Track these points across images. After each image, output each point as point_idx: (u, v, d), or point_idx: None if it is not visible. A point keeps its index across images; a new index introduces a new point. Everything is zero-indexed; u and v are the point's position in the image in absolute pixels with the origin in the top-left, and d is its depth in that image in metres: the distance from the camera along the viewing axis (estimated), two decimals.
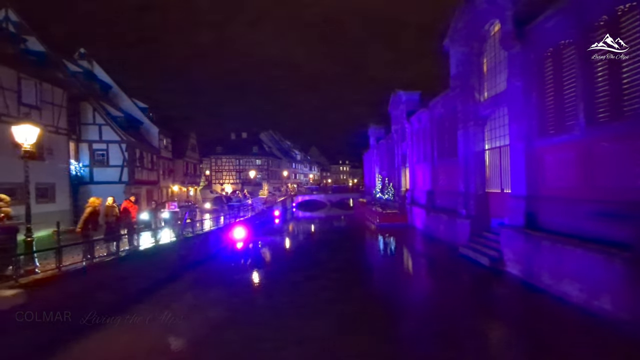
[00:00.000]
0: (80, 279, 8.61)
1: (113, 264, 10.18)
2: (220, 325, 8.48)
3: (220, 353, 7.12)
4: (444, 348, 7.28)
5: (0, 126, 16.90)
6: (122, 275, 10.39)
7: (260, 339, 7.52)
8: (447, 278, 13.34)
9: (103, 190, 24.35)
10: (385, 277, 14.29)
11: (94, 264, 9.53)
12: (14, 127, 8.71)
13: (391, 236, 23.70)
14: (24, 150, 8.71)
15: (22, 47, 20.90)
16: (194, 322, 8.63)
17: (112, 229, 10.71)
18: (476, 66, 15.93)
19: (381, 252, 20.13)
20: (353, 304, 10.03)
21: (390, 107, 31.80)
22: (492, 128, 15.52)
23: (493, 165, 15.53)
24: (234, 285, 12.29)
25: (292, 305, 9.84)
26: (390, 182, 33.48)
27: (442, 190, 20.67)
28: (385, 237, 23.42)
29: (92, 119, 24.53)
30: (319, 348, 7.20)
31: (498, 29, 14.30)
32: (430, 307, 10.27)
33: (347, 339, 7.55)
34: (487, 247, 13.91)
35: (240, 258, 18.42)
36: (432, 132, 21.79)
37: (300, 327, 8.31)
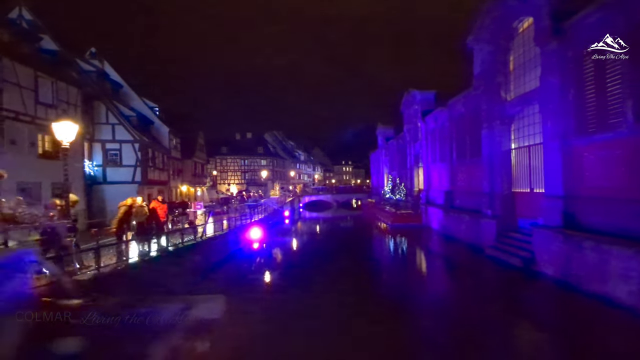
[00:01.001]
0: (120, 279, 8.40)
1: (145, 264, 9.95)
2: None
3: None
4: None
5: (17, 125, 16.72)
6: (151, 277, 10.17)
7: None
8: (480, 281, 13.09)
9: (116, 190, 24.15)
10: (414, 282, 13.99)
11: (129, 265, 9.33)
12: (54, 124, 8.46)
13: (408, 237, 23.46)
14: (63, 147, 8.47)
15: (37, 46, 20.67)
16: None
17: (144, 229, 10.47)
18: (502, 64, 15.72)
19: (402, 255, 19.85)
20: (386, 317, 9.03)
21: (403, 107, 31.60)
22: (519, 127, 15.32)
23: (520, 164, 15.31)
24: (258, 302, 10.74)
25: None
26: (402, 182, 33.24)
27: (462, 190, 20.45)
28: (402, 238, 23.18)
29: (105, 119, 24.28)
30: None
31: (528, 25, 14.11)
32: (470, 314, 9.66)
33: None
34: (517, 247, 13.68)
35: (259, 262, 17.98)
36: (451, 131, 21.58)
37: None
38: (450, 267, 15.83)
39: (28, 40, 19.17)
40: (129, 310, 6.26)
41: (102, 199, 23.64)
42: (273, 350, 6.99)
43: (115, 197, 24.33)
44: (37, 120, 17.85)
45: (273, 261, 17.62)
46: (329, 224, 35.44)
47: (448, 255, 17.76)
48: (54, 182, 18.99)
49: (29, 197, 17.45)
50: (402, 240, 22.73)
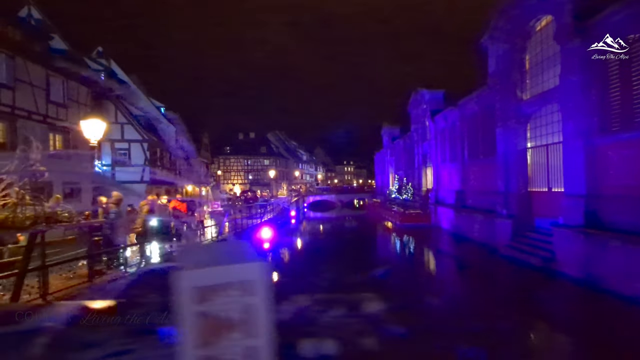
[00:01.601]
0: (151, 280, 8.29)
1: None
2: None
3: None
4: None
5: (30, 124, 16.63)
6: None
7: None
8: (499, 280, 13.02)
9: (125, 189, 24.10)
10: (430, 282, 13.91)
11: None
12: (82, 121, 8.35)
13: (418, 236, 23.37)
14: (91, 146, 8.37)
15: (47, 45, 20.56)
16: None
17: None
18: (518, 63, 15.64)
19: (415, 254, 19.79)
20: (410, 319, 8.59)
21: (410, 106, 31.53)
22: (536, 126, 15.25)
23: (537, 163, 15.24)
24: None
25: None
26: (409, 182, 33.17)
27: (475, 189, 20.37)
28: (412, 238, 23.12)
29: (114, 118, 24.19)
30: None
31: (546, 24, 14.04)
32: (494, 314, 9.27)
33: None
34: (535, 247, 13.60)
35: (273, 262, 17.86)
36: (462, 130, 21.50)
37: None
38: (467, 267, 15.69)
39: (38, 39, 19.05)
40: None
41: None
42: None
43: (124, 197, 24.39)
44: (48, 119, 17.77)
45: (286, 262, 17.45)
46: (336, 224, 35.37)
47: (462, 255, 17.66)
48: (65, 182, 18.92)
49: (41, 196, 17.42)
50: (412, 240, 22.66)
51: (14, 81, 15.62)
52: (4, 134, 15.29)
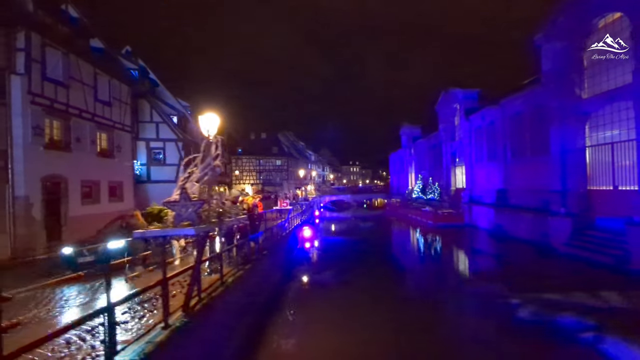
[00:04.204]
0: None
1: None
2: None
3: None
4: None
5: (80, 122, 16.41)
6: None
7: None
8: (576, 280, 12.50)
9: (160, 189, 23.83)
10: (501, 283, 13.11)
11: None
12: (200, 116, 8.11)
13: (459, 237, 23.22)
14: (206, 142, 8.15)
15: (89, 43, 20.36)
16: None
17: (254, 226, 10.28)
18: (576, 61, 15.57)
19: (465, 256, 19.30)
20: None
21: (438, 106, 31.44)
22: (597, 124, 15.17)
23: (598, 162, 15.16)
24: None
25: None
26: (435, 181, 33.09)
27: (520, 188, 20.28)
28: (453, 239, 22.90)
29: (149, 117, 24.00)
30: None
31: (612, 21, 13.97)
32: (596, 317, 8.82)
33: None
34: (603, 246, 13.52)
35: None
36: (504, 129, 21.42)
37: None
38: (532, 266, 14.76)
39: (82, 37, 18.84)
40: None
41: (146, 198, 23.30)
42: None
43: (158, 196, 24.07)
44: (96, 117, 17.56)
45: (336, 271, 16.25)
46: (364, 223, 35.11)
47: (517, 255, 17.20)
48: (110, 180, 18.74)
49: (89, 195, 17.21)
50: (454, 240, 22.46)
51: (68, 79, 15.42)
52: (59, 132, 15.08)
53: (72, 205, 15.45)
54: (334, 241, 24.06)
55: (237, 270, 7.64)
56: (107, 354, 3.16)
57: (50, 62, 14.36)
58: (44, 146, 13.82)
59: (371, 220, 37.79)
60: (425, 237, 24.88)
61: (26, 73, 13.04)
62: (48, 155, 14.03)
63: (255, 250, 9.83)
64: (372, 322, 8.97)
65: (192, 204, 4.59)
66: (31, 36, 13.37)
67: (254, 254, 9.58)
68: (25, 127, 12.94)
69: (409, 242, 25.23)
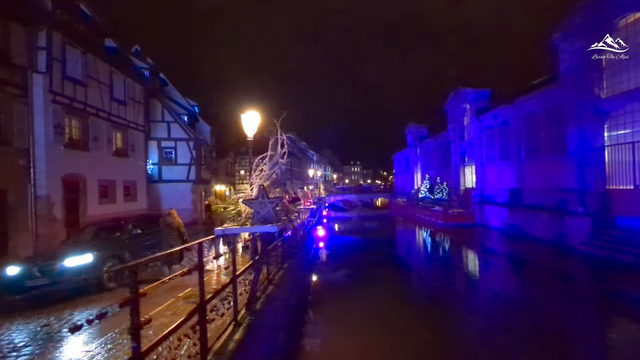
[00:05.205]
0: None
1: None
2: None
3: None
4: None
5: (98, 122, 16.36)
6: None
7: None
8: (602, 279, 12.61)
9: (172, 188, 23.81)
10: (527, 287, 13.22)
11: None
12: (242, 114, 8.10)
13: (469, 236, 23.23)
14: (248, 140, 8.15)
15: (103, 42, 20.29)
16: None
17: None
18: (595, 61, 15.59)
19: (483, 255, 19.07)
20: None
21: (447, 105, 31.44)
22: (617, 124, 15.19)
23: (618, 161, 15.18)
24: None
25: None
26: (444, 181, 33.10)
27: (535, 188, 20.29)
28: (465, 238, 22.92)
29: (160, 117, 23.91)
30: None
31: (634, 20, 14.00)
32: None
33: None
34: (626, 245, 13.54)
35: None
36: (518, 128, 21.44)
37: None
38: (555, 267, 14.85)
39: (97, 35, 18.75)
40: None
41: (158, 198, 23.25)
42: None
43: (170, 195, 24.04)
44: (112, 117, 17.50)
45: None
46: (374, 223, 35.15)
47: (535, 254, 17.08)
48: (125, 180, 18.67)
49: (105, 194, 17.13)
50: (468, 240, 22.46)
51: (86, 78, 15.35)
52: (77, 131, 15.01)
53: (90, 204, 15.40)
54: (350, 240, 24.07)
55: (278, 270, 7.61)
56: (203, 352, 3.13)
57: (70, 60, 14.30)
58: (64, 145, 13.75)
59: (380, 220, 37.80)
60: (439, 237, 24.87)
61: (47, 72, 12.96)
62: (68, 154, 13.97)
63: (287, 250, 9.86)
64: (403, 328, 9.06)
65: (270, 201, 4.57)
66: (52, 35, 13.30)
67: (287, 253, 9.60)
68: (47, 126, 12.86)
69: (424, 241, 25.14)
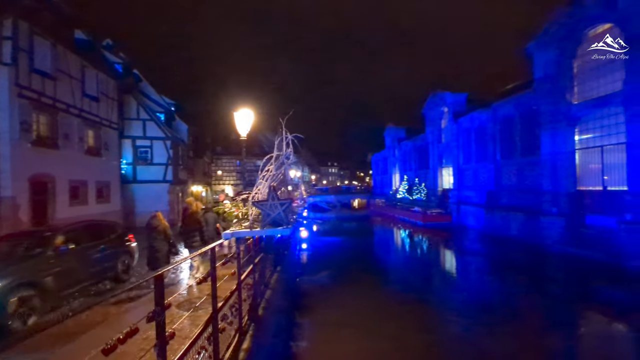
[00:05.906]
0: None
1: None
2: None
3: None
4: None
5: (68, 118, 15.37)
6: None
7: None
8: (578, 275, 13.18)
9: (147, 189, 22.80)
10: (513, 284, 13.66)
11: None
12: (235, 112, 7.78)
13: (448, 236, 23.81)
14: (242, 139, 7.84)
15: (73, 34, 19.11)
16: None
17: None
18: (567, 69, 16.42)
19: (460, 255, 19.50)
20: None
21: (425, 109, 32.15)
22: (587, 128, 16.04)
23: (588, 164, 16.05)
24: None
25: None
26: (422, 182, 33.81)
27: (510, 189, 21.10)
28: (443, 237, 23.49)
29: (136, 114, 22.86)
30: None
31: (602, 31, 14.82)
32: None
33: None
34: (596, 243, 14.31)
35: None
36: (494, 132, 22.23)
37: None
38: (531, 264, 15.50)
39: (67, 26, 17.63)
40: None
41: (132, 199, 22.18)
42: None
43: (145, 197, 22.96)
44: (83, 113, 16.53)
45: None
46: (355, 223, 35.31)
47: (513, 253, 17.68)
48: (97, 180, 17.69)
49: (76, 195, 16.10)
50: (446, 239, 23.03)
51: (55, 71, 14.38)
52: (46, 128, 14.01)
53: (59, 206, 14.43)
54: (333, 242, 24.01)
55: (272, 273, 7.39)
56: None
57: (38, 52, 13.33)
58: (31, 143, 12.80)
59: (360, 221, 38.03)
60: (418, 236, 25.35)
61: (13, 63, 12.03)
62: (36, 153, 13.02)
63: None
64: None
65: (281, 203, 4.36)
66: (18, 24, 12.34)
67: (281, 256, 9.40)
68: (12, 123, 11.93)
69: (405, 241, 25.54)
